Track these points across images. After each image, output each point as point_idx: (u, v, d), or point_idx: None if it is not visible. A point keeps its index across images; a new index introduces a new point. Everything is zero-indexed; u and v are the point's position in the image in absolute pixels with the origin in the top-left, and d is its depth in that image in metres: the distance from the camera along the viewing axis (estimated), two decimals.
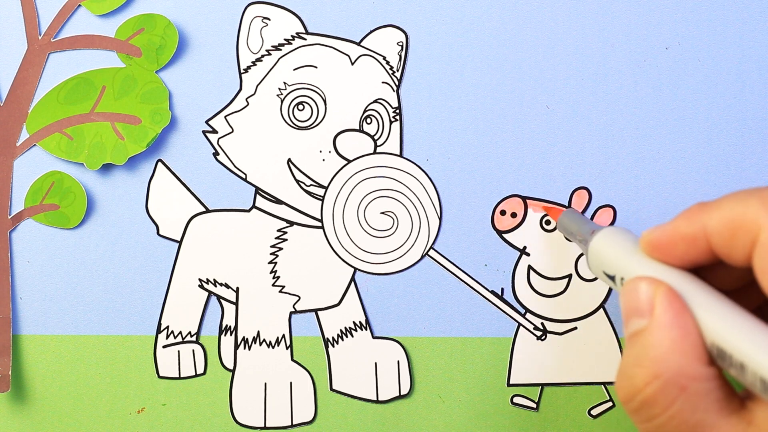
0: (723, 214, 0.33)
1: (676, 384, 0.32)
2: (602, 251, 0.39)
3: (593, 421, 0.48)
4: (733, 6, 0.48)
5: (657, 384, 0.32)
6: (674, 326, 0.33)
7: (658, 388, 0.32)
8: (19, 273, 0.48)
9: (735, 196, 0.33)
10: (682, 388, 0.32)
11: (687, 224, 0.34)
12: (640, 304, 0.34)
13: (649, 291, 0.34)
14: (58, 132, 0.47)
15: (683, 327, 0.33)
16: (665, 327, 0.33)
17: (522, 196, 0.48)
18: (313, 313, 0.48)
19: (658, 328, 0.33)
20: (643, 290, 0.34)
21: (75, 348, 0.48)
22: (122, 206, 0.48)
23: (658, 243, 0.35)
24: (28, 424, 0.48)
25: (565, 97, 0.48)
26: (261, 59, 0.47)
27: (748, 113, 0.48)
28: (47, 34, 0.47)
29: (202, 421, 0.48)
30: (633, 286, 0.35)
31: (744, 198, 0.33)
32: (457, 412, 0.48)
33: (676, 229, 0.35)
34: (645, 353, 0.33)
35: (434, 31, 0.47)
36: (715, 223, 0.33)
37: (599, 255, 0.39)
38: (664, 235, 0.35)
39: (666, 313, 0.33)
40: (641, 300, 0.34)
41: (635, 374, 0.33)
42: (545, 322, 0.48)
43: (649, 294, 0.34)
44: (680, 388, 0.32)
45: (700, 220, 0.34)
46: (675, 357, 0.32)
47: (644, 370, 0.33)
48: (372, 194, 0.48)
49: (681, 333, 0.33)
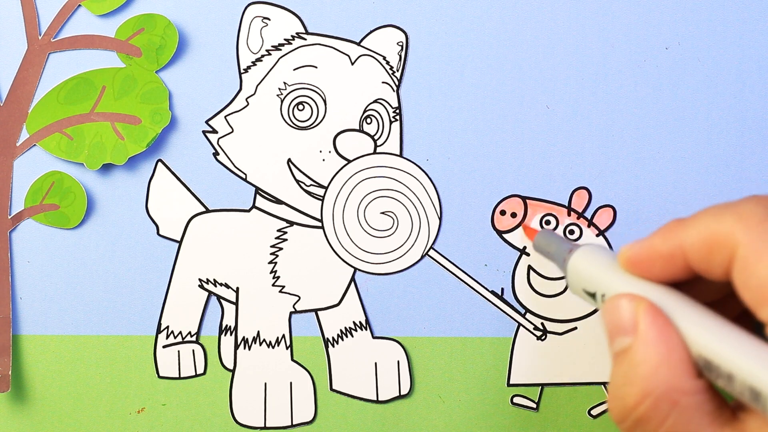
0: (699, 230, 0.33)
1: (667, 400, 0.32)
2: (581, 269, 0.38)
3: (593, 421, 0.48)
4: (733, 6, 0.48)
5: (649, 401, 0.32)
6: (660, 341, 0.33)
7: (650, 405, 0.32)
8: (19, 273, 0.48)
9: (710, 211, 0.33)
10: (673, 404, 0.32)
11: (663, 241, 0.34)
12: (623, 321, 0.34)
13: (631, 307, 0.34)
14: (58, 132, 0.47)
15: (669, 341, 0.33)
16: (651, 343, 0.33)
17: (522, 196, 0.48)
18: (313, 313, 0.48)
19: (644, 344, 0.33)
20: (624, 307, 0.34)
21: (75, 348, 0.48)
22: (122, 206, 0.48)
23: (637, 260, 0.35)
24: (28, 424, 0.48)
25: (565, 97, 0.48)
26: (261, 59, 0.47)
27: (748, 113, 0.48)
28: (47, 34, 0.47)
29: (202, 421, 0.48)
30: (614, 304, 0.35)
31: (719, 214, 0.33)
32: (457, 412, 0.48)
33: (652, 247, 0.35)
34: (633, 371, 0.33)
35: (434, 31, 0.47)
36: (691, 240, 0.33)
37: (578, 273, 0.38)
38: (642, 252, 0.35)
39: (650, 329, 0.33)
40: (624, 317, 0.34)
41: (626, 393, 0.33)
42: (545, 322, 0.48)
43: (631, 311, 0.34)
44: (672, 403, 0.32)
45: (677, 237, 0.34)
46: (663, 373, 0.32)
47: (634, 389, 0.33)
48: (372, 194, 0.48)
49: (667, 348, 0.32)
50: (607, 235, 0.48)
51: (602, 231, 0.48)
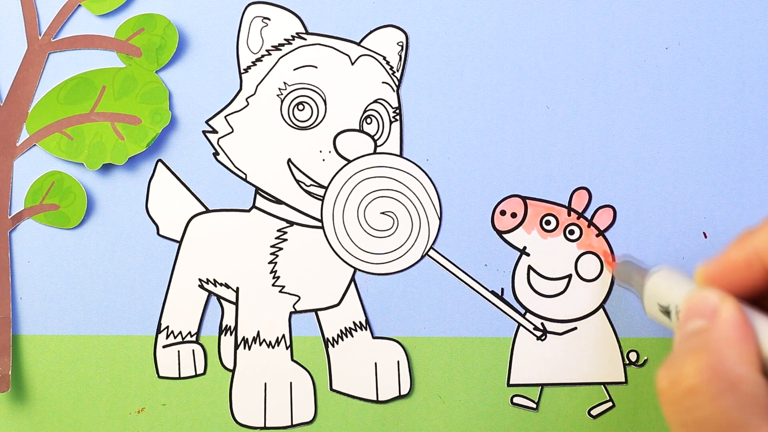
0: None
1: (727, 379, 0.32)
2: (659, 286, 0.38)
3: (593, 421, 0.48)
4: (733, 6, 0.48)
5: (708, 374, 0.32)
6: (736, 329, 0.33)
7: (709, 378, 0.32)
8: (19, 273, 0.48)
9: None
10: (732, 385, 0.32)
11: (738, 250, 0.34)
12: (705, 307, 0.34)
13: (716, 298, 0.34)
14: (58, 132, 0.47)
15: (745, 332, 0.33)
16: (727, 327, 0.33)
17: (522, 196, 0.48)
18: (313, 313, 0.48)
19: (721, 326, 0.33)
20: (710, 296, 0.34)
21: (75, 348, 0.48)
22: (122, 206, 0.48)
23: (714, 274, 0.35)
24: (28, 424, 0.48)
25: (565, 97, 0.48)
26: (261, 59, 0.47)
27: (748, 113, 0.48)
28: (47, 34, 0.47)
29: (202, 421, 0.48)
30: (699, 293, 0.35)
31: None
32: (457, 412, 0.48)
33: (728, 258, 0.35)
34: (702, 345, 0.33)
35: (434, 31, 0.47)
36: (764, 244, 0.33)
37: (656, 290, 0.39)
38: (719, 265, 0.35)
39: (731, 316, 0.33)
40: (707, 304, 0.34)
41: (686, 362, 0.32)
42: (545, 322, 0.48)
43: (715, 300, 0.34)
44: (730, 384, 0.32)
45: (750, 244, 0.34)
46: (732, 353, 0.32)
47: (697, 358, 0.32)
48: (372, 194, 0.48)
49: (741, 336, 0.32)
50: (607, 235, 0.48)
51: (602, 231, 0.48)
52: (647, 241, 0.48)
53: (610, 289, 0.48)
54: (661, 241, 0.48)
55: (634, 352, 0.48)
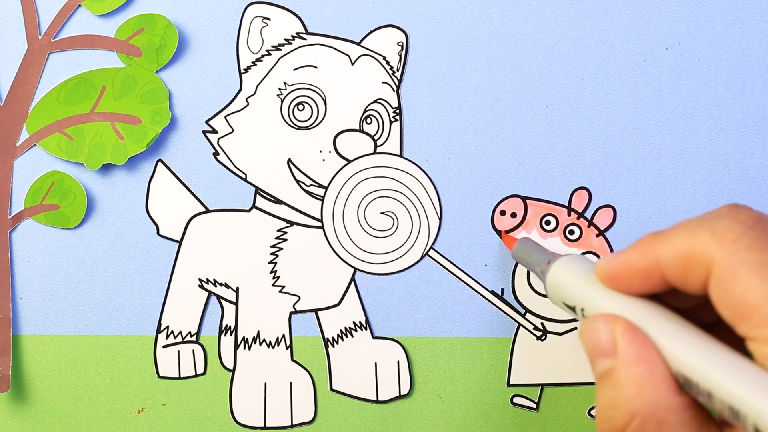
0: (675, 246, 0.33)
1: (653, 419, 0.32)
2: (560, 282, 0.38)
3: (593, 421, 0.48)
4: (733, 6, 0.48)
5: (636, 423, 0.33)
6: (640, 361, 0.33)
7: (637, 426, 0.32)
8: (19, 273, 0.48)
9: (686, 226, 0.33)
10: (660, 422, 0.32)
11: (640, 257, 0.34)
12: (602, 343, 0.34)
13: (608, 329, 0.34)
14: (58, 132, 0.47)
15: (649, 361, 0.33)
16: (632, 364, 0.33)
17: (522, 196, 0.48)
18: (313, 313, 0.48)
19: (625, 366, 0.33)
20: (601, 329, 0.34)
21: (75, 348, 0.48)
22: (122, 206, 0.48)
23: (614, 275, 0.35)
24: (28, 424, 0.48)
25: (565, 97, 0.48)
26: (261, 59, 0.47)
27: (748, 113, 0.48)
28: (47, 34, 0.47)
29: (202, 421, 0.48)
30: (591, 326, 0.35)
31: (694, 230, 0.33)
32: (457, 412, 0.48)
33: (629, 262, 0.35)
34: (617, 394, 0.33)
35: (434, 31, 0.47)
36: (667, 256, 0.33)
37: (557, 285, 0.38)
38: (619, 267, 0.35)
39: (629, 349, 0.33)
40: (602, 339, 0.34)
41: (612, 416, 0.33)
42: (545, 322, 0.48)
43: (608, 332, 0.34)
44: (658, 422, 0.32)
45: (653, 252, 0.34)
46: (647, 392, 0.32)
47: (620, 411, 0.33)
48: (372, 194, 0.48)
49: (648, 367, 0.33)
50: (607, 235, 0.48)
51: (602, 231, 0.48)
52: None
53: None
54: None
55: None
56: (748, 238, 0.32)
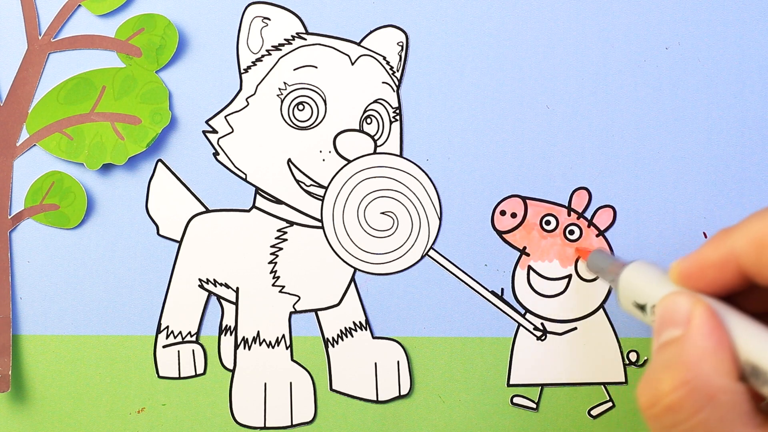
0: (748, 233, 0.33)
1: (705, 392, 0.32)
2: (633, 282, 0.38)
3: (593, 421, 0.48)
4: (733, 6, 0.48)
5: (685, 389, 0.32)
6: (710, 336, 0.32)
7: (686, 393, 0.32)
8: (19, 273, 0.48)
9: (758, 214, 0.33)
10: (710, 397, 0.31)
11: (714, 250, 0.34)
12: (677, 315, 0.34)
13: (688, 303, 0.34)
14: (58, 132, 0.47)
15: (718, 339, 0.32)
16: (701, 336, 0.32)
17: (522, 196, 0.48)
18: (313, 313, 0.48)
19: (694, 335, 0.33)
20: (681, 302, 0.34)
21: (75, 348, 0.48)
22: (122, 206, 0.48)
23: (688, 272, 0.35)
24: (28, 424, 0.48)
25: (565, 97, 0.48)
26: (261, 59, 0.47)
27: (748, 113, 0.48)
28: (47, 34, 0.47)
29: (202, 421, 0.48)
30: (671, 299, 0.34)
31: (766, 215, 0.33)
32: (457, 412, 0.48)
33: (703, 257, 0.35)
34: (676, 358, 0.32)
35: (434, 31, 0.47)
36: (741, 244, 0.33)
37: (630, 286, 0.38)
38: (694, 263, 0.35)
39: (703, 324, 0.33)
40: (679, 311, 0.34)
41: (662, 378, 0.32)
42: (545, 322, 0.48)
43: (687, 306, 0.34)
44: (709, 396, 0.32)
45: (727, 244, 0.34)
46: (707, 365, 0.32)
47: (674, 374, 0.32)
48: (372, 194, 0.48)
49: (716, 344, 0.32)
50: (607, 235, 0.48)
51: (602, 231, 0.48)
52: (647, 241, 0.48)
53: (610, 289, 0.48)
54: (661, 241, 0.48)
55: (634, 352, 0.48)
56: None
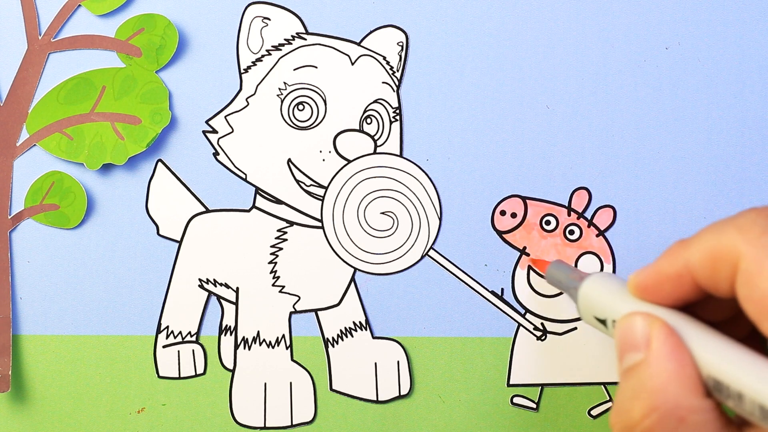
0: (702, 247, 0.33)
1: (675, 415, 0.32)
2: (592, 296, 0.39)
3: (593, 421, 0.48)
4: (733, 6, 0.48)
5: (655, 416, 0.32)
6: (671, 359, 0.33)
7: (657, 420, 0.32)
8: (19, 273, 0.48)
9: (712, 227, 0.34)
10: (680, 420, 0.32)
11: (669, 263, 0.35)
12: (636, 338, 0.34)
13: (645, 324, 0.34)
14: (58, 132, 0.47)
15: (680, 360, 0.33)
16: (662, 359, 0.33)
17: (522, 196, 0.48)
18: (313, 313, 0.48)
19: (656, 360, 0.33)
20: (638, 325, 0.34)
21: (75, 348, 0.48)
22: (122, 206, 0.48)
23: (645, 285, 0.35)
24: (28, 424, 0.48)
25: (565, 97, 0.48)
26: (261, 59, 0.47)
27: (748, 113, 0.48)
28: (47, 34, 0.47)
29: (202, 421, 0.48)
30: (628, 321, 0.35)
31: (720, 228, 0.33)
32: (457, 412, 0.48)
33: (660, 270, 0.35)
34: (642, 386, 0.33)
35: (434, 31, 0.47)
36: (696, 257, 0.33)
37: (589, 301, 0.39)
38: (650, 276, 0.35)
39: (663, 346, 0.33)
40: (637, 334, 0.34)
41: (632, 407, 0.33)
42: (545, 322, 0.48)
43: (645, 327, 0.34)
44: (679, 419, 0.32)
45: (682, 257, 0.34)
46: (673, 389, 0.32)
47: (642, 403, 0.33)
48: (372, 194, 0.48)
49: (678, 365, 0.33)
50: (607, 235, 0.48)
51: (602, 231, 0.48)
52: (647, 241, 0.48)
53: None
54: (661, 241, 0.48)
55: None
56: None
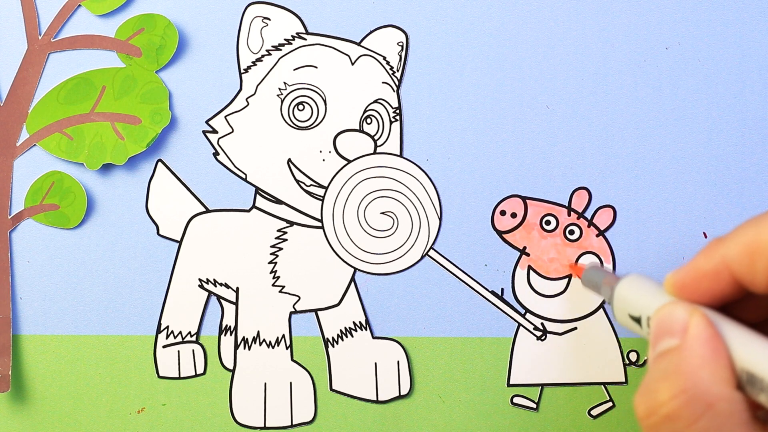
0: (740, 241, 0.33)
1: (703, 400, 0.32)
2: (628, 295, 0.38)
3: (593, 421, 0.48)
4: (733, 6, 0.48)
5: (683, 398, 0.32)
6: (707, 345, 0.32)
7: (684, 402, 0.32)
8: (19, 273, 0.48)
9: (749, 222, 0.33)
10: (708, 406, 0.31)
11: (707, 260, 0.34)
12: (674, 324, 0.34)
13: (685, 313, 0.34)
14: (58, 132, 0.47)
15: (715, 348, 0.32)
16: (698, 345, 0.33)
17: (522, 196, 0.48)
18: (313, 313, 0.48)
19: (691, 345, 0.33)
20: (678, 312, 0.34)
21: (75, 348, 0.48)
22: (122, 206, 0.48)
23: (683, 283, 0.35)
24: (28, 424, 0.48)
25: (565, 97, 0.48)
26: (261, 59, 0.47)
27: (748, 113, 0.48)
28: (47, 34, 0.47)
29: (202, 421, 0.48)
30: (668, 309, 0.35)
31: (758, 222, 0.33)
32: (457, 412, 0.48)
33: (697, 267, 0.35)
34: (674, 368, 0.32)
35: (434, 31, 0.47)
36: (733, 252, 0.33)
37: (625, 299, 0.39)
38: (688, 274, 0.35)
39: (701, 333, 0.33)
40: (676, 321, 0.34)
41: (660, 388, 0.32)
42: (545, 322, 0.48)
43: (684, 316, 0.34)
44: (707, 405, 0.31)
45: (719, 252, 0.34)
46: (704, 375, 0.32)
47: (671, 383, 0.32)
48: (372, 194, 0.48)
49: (713, 352, 0.32)
50: (607, 235, 0.48)
51: (602, 231, 0.48)
52: (647, 241, 0.48)
53: None
54: (661, 241, 0.48)
55: (634, 352, 0.48)
56: None
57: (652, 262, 0.47)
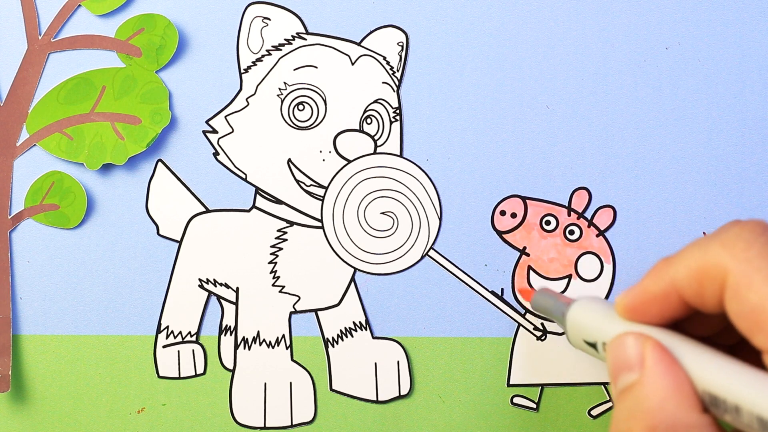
0: (688, 264, 0.33)
1: None
2: (580, 320, 0.39)
3: (593, 421, 0.48)
4: (733, 6, 0.48)
5: None
6: (667, 376, 0.32)
7: None
8: (19, 273, 0.48)
9: (696, 244, 0.33)
10: None
11: (655, 282, 0.34)
12: (629, 358, 0.34)
13: (638, 344, 0.34)
14: (58, 132, 0.47)
15: (675, 377, 0.33)
16: (657, 377, 0.33)
17: (522, 196, 0.48)
18: (313, 313, 0.48)
19: (651, 379, 0.33)
20: (631, 344, 0.34)
21: (75, 348, 0.48)
22: (122, 206, 0.48)
23: (633, 306, 0.35)
24: (28, 424, 0.48)
25: (565, 97, 0.48)
26: (261, 59, 0.47)
27: (748, 113, 0.48)
28: (47, 34, 0.47)
29: (202, 421, 0.48)
30: (620, 341, 0.35)
31: (705, 245, 0.33)
32: (457, 412, 0.48)
33: (646, 290, 0.35)
34: (638, 405, 0.33)
35: (434, 31, 0.47)
36: (682, 275, 0.33)
37: (578, 325, 0.39)
38: (637, 297, 0.35)
39: (657, 365, 0.33)
40: (630, 354, 0.34)
41: (630, 428, 0.33)
42: (545, 322, 0.48)
43: (638, 347, 0.34)
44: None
45: (668, 275, 0.34)
46: (670, 407, 0.32)
47: (640, 423, 0.32)
48: (372, 194, 0.48)
49: (674, 383, 0.32)
50: (607, 235, 0.48)
51: (602, 231, 0.48)
52: (647, 241, 0.48)
53: (610, 290, 0.48)
54: (661, 241, 0.48)
55: None
56: (759, 245, 0.31)
57: (652, 262, 0.47)
